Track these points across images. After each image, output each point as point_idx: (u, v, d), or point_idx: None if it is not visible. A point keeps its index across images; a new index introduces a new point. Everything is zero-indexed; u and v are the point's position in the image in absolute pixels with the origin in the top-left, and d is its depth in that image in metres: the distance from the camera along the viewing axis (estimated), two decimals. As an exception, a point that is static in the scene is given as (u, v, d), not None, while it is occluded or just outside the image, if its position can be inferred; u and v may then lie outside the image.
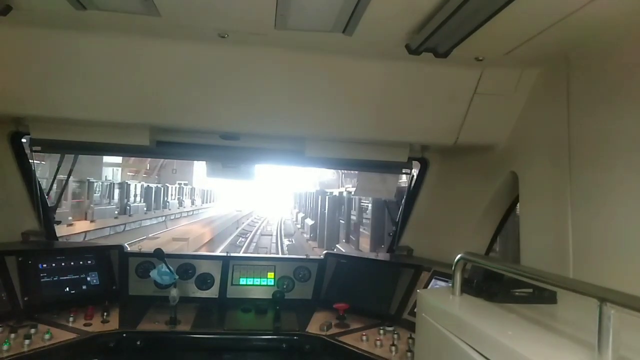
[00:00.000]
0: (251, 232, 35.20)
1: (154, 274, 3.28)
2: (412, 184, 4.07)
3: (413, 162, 3.81)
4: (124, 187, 31.34)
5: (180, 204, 47.86)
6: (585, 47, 2.19)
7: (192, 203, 55.40)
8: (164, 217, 38.04)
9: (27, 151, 3.50)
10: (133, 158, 36.24)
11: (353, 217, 23.19)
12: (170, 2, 2.06)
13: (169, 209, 41.19)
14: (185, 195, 52.55)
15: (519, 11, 1.85)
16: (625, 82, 1.99)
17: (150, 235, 25.89)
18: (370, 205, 19.42)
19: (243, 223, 42.99)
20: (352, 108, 2.97)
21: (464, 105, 2.90)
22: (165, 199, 40.97)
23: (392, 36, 2.29)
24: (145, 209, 34.29)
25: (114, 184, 31.31)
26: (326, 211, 26.29)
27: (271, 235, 34.81)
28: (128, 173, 45.61)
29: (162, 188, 40.36)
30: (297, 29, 2.27)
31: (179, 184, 51.05)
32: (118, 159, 35.53)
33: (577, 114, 2.25)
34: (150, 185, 37.98)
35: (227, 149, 3.56)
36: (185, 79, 2.78)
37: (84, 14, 2.16)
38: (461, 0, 1.78)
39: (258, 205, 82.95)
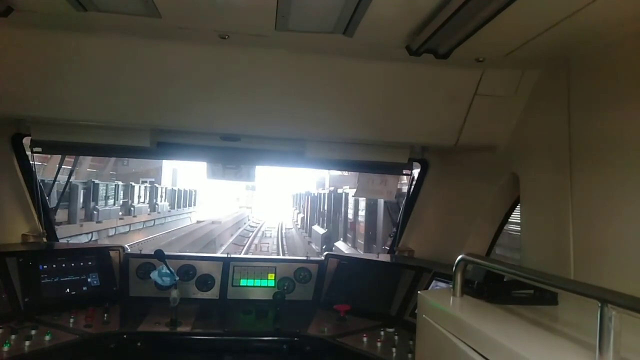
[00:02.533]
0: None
1: (154, 275, 3.28)
2: (413, 185, 4.07)
3: (414, 163, 3.81)
4: None
5: (128, 211, 29.83)
6: (585, 49, 2.19)
7: (153, 209, 35.67)
8: (92, 234, 22.92)
9: (28, 152, 3.50)
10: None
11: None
12: (171, 4, 2.06)
13: (98, 221, 23.95)
14: (139, 197, 32.90)
15: (520, 12, 1.85)
16: (625, 83, 1.99)
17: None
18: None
19: (222, 245, 28.67)
20: (352, 109, 2.97)
21: (465, 106, 2.90)
22: (94, 204, 23.89)
23: (392, 37, 2.30)
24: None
25: None
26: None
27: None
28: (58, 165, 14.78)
29: (88, 187, 23.54)
30: (298, 30, 2.27)
31: (143, 182, 36.41)
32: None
33: (577, 115, 2.25)
34: (47, 180, 12.23)
35: (227, 150, 3.56)
36: (186, 80, 2.78)
37: (85, 15, 2.17)
38: (461, 1, 1.78)
39: (254, 208, 73.65)
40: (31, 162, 3.60)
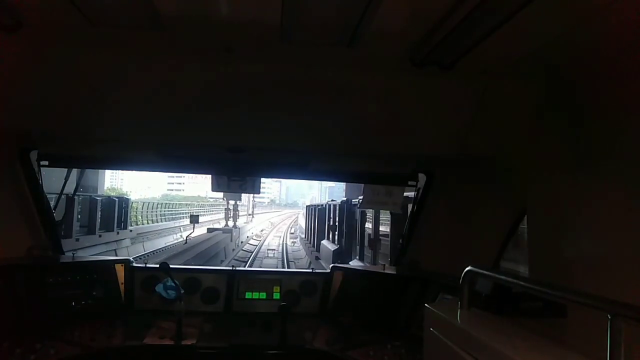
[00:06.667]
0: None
1: (159, 288, 3.28)
2: (419, 196, 4.05)
3: (419, 174, 3.80)
4: None
5: None
6: (591, 58, 2.18)
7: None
8: None
9: (35, 166, 3.53)
10: None
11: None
12: (176, 18, 2.08)
13: None
14: None
15: (524, 22, 1.86)
16: (632, 91, 1.98)
17: None
18: None
19: None
20: (357, 121, 2.98)
21: (470, 117, 2.89)
22: None
23: (396, 49, 2.31)
24: None
25: None
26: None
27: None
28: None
29: None
30: (302, 42, 2.29)
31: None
32: None
33: (584, 124, 2.24)
34: None
35: (233, 162, 3.57)
36: (192, 93, 2.80)
37: (92, 30, 2.20)
38: (465, 12, 1.79)
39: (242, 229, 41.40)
40: (37, 176, 3.62)
